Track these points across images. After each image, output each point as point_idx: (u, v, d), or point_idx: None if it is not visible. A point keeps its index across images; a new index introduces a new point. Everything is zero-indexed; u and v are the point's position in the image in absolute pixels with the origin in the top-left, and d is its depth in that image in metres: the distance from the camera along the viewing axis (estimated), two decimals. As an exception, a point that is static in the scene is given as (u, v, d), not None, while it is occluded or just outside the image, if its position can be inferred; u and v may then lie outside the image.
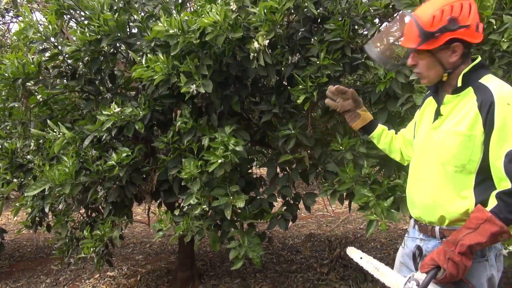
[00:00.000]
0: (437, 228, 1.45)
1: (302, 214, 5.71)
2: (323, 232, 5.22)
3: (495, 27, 1.95)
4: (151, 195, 2.70)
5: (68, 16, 2.74)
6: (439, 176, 1.42)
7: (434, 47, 1.36)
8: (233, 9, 2.04)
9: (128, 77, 2.75)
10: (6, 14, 3.76)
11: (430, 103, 1.56)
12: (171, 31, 2.03)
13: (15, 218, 6.17)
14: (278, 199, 2.57)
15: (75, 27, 2.71)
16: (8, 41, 4.20)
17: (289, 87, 2.30)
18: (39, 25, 2.44)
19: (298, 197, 2.59)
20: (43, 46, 2.51)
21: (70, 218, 2.71)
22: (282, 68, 2.33)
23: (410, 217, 1.62)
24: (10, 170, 2.74)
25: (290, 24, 2.24)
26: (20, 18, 3.83)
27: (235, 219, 2.41)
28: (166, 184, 2.55)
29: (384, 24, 2.39)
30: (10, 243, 5.34)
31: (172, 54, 2.10)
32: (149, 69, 2.14)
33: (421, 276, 1.35)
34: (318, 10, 2.18)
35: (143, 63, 2.17)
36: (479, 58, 1.42)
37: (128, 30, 2.56)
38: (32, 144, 2.68)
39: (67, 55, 2.48)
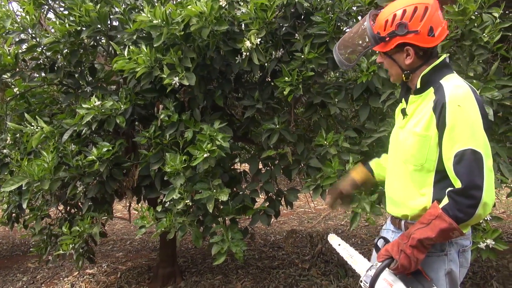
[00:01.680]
0: (402, 222, 1.52)
1: (284, 211, 5.73)
2: (305, 228, 5.25)
3: (476, 24, 1.99)
4: (132, 191, 2.66)
5: (47, 6, 2.67)
6: (403, 174, 1.48)
7: (387, 50, 1.43)
8: (223, 5, 2.02)
9: (108, 71, 2.70)
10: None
11: (402, 102, 1.60)
12: (155, 22, 1.99)
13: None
14: (260, 195, 2.57)
15: (54, 19, 2.64)
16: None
17: (274, 80, 2.30)
18: (16, 16, 2.37)
19: (280, 193, 2.59)
20: (20, 37, 2.43)
21: (44, 212, 2.63)
22: (266, 64, 2.32)
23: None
24: (-15, 165, 2.66)
25: (275, 20, 2.24)
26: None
27: (217, 214, 2.40)
28: (147, 179, 2.52)
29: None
30: (-15, 241, 5.19)
31: (155, 45, 2.06)
32: (131, 61, 2.10)
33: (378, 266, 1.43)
34: (305, 5, 2.19)
35: (125, 55, 2.13)
36: (443, 57, 1.45)
37: (109, 22, 2.50)
38: (8, 138, 2.60)
39: (45, 47, 2.41)
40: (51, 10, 2.75)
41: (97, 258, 4.28)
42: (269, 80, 2.55)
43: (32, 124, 2.33)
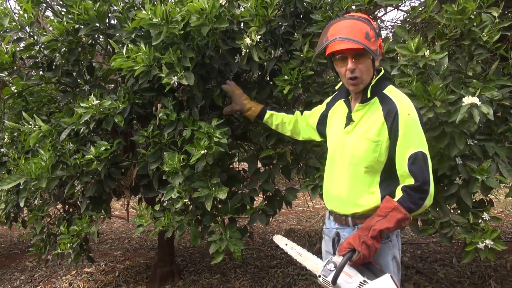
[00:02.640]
0: (349, 218, 1.67)
1: (282, 210, 5.73)
2: (303, 228, 5.25)
3: (475, 23, 1.99)
4: (130, 190, 2.65)
5: (44, 4, 2.65)
6: (352, 175, 1.64)
7: (375, 48, 1.53)
8: (222, 3, 2.01)
9: (107, 70, 2.69)
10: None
11: (341, 106, 1.76)
12: (155, 20, 1.98)
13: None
14: (259, 194, 2.56)
15: (52, 17, 2.63)
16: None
17: (273, 79, 2.30)
18: (13, 14, 2.35)
19: (278, 192, 2.58)
20: (18, 36, 2.41)
21: (45, 213, 2.63)
22: (265, 63, 2.32)
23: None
24: (-17, 164, 2.64)
25: (275, 18, 2.23)
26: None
27: (216, 213, 2.40)
28: (145, 178, 2.51)
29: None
30: (-18, 240, 5.17)
31: (153, 44, 2.05)
32: (129, 60, 2.08)
33: (338, 259, 1.53)
34: (304, 4, 2.19)
35: (124, 53, 2.12)
36: (383, 71, 1.65)
37: (107, 21, 2.49)
38: (6, 136, 2.59)
39: (43, 45, 2.39)
40: (49, 8, 2.73)
41: (95, 256, 4.28)
42: (268, 79, 2.55)
43: (30, 122, 2.32)
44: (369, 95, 1.60)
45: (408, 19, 2.58)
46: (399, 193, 1.52)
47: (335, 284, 1.50)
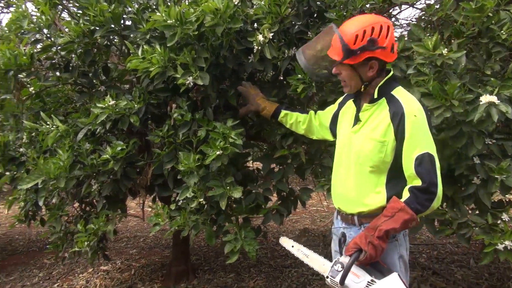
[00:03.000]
0: (356, 217, 1.68)
1: (296, 209, 5.72)
2: (317, 227, 5.23)
3: (493, 21, 1.96)
4: (145, 189, 2.67)
5: (61, 7, 2.70)
6: (358, 175, 1.65)
7: (355, 62, 1.57)
8: (236, 3, 2.02)
9: (122, 70, 2.72)
10: (-3, 5, 3.70)
11: (350, 105, 1.78)
12: (169, 21, 1.99)
13: (7, 212, 6.11)
14: (273, 194, 2.56)
15: (68, 19, 2.67)
16: (-1, 32, 4.13)
17: (287, 78, 2.30)
18: (31, 16, 2.40)
19: (293, 192, 2.58)
20: (36, 37, 2.46)
21: (64, 212, 2.68)
22: (279, 62, 2.31)
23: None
24: (3, 163, 2.70)
25: (287, 16, 2.23)
26: (12, 9, 3.76)
27: (230, 213, 2.41)
28: (160, 178, 2.53)
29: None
30: (2, 237, 5.29)
31: (168, 45, 2.07)
32: (145, 61, 2.10)
33: (345, 259, 1.54)
34: (318, 3, 2.18)
35: (139, 54, 2.14)
36: (392, 72, 1.66)
37: (122, 22, 2.52)
38: (24, 136, 2.64)
39: (60, 47, 2.43)
40: (65, 10, 2.77)
41: (111, 255, 4.34)
42: (282, 79, 2.54)
43: (48, 122, 2.37)
44: (376, 96, 1.62)
45: (423, 17, 2.54)
46: (406, 194, 1.53)
47: (343, 285, 1.50)
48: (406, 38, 2.14)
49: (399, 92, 1.61)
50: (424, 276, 3.36)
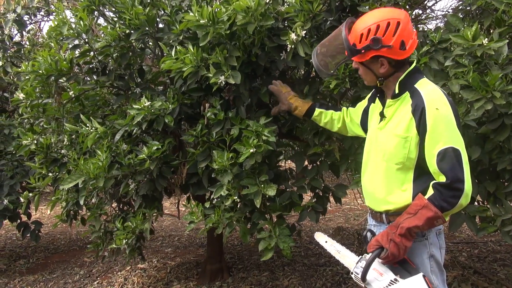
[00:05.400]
0: (383, 215, 1.66)
1: (329, 208, 5.66)
2: (351, 226, 5.16)
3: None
4: (180, 188, 2.72)
5: (97, 12, 2.78)
6: (385, 172, 1.62)
7: (362, 60, 1.58)
8: (267, 1, 2.02)
9: (156, 72, 2.78)
10: (38, 13, 3.85)
11: (378, 102, 1.75)
12: (202, 21, 2.02)
13: (49, 212, 6.38)
14: (307, 192, 2.55)
15: (103, 24, 2.75)
16: (40, 40, 4.32)
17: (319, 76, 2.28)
18: (70, 22, 2.49)
19: (327, 189, 2.56)
20: (74, 43, 2.55)
21: (103, 211, 2.77)
22: (311, 59, 2.30)
23: None
24: (45, 165, 2.81)
25: (320, 13, 2.21)
26: (51, 17, 3.92)
27: (264, 211, 2.41)
28: (195, 177, 2.57)
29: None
30: (45, 236, 5.52)
31: (201, 45, 2.09)
32: (178, 61, 2.14)
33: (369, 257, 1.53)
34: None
35: (172, 55, 2.18)
36: (414, 64, 1.60)
37: (156, 25, 2.57)
38: (65, 139, 2.74)
39: (97, 51, 2.52)
40: (101, 16, 2.86)
41: (147, 253, 4.44)
42: (314, 75, 2.52)
43: (87, 125, 2.45)
44: (397, 91, 1.58)
45: (461, 7, 2.45)
46: (430, 191, 1.48)
47: (365, 281, 1.51)
48: (442, 30, 2.07)
49: (422, 85, 1.56)
50: (465, 276, 3.25)
